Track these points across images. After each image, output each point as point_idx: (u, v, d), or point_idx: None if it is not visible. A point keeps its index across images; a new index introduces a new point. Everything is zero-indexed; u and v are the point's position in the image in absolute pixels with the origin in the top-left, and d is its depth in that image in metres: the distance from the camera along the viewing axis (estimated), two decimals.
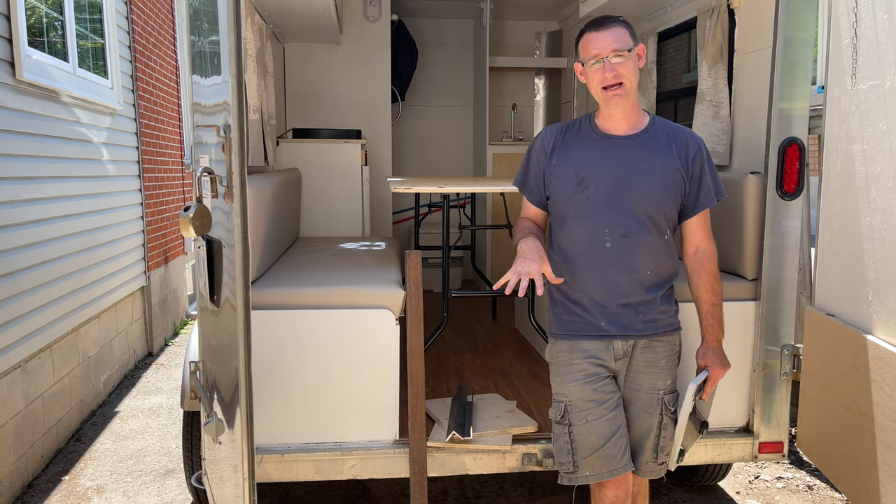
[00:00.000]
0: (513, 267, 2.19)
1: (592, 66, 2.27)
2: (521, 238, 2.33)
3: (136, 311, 5.79)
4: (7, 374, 3.58)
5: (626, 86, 2.26)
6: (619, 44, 2.24)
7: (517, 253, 2.27)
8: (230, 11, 2.00)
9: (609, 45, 2.23)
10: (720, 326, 2.43)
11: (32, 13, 4.11)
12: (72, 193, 4.46)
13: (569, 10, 6.00)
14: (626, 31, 2.27)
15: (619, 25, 2.27)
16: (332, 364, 2.76)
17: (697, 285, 2.42)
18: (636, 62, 2.29)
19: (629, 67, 2.25)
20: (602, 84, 2.26)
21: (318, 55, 5.65)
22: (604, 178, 2.32)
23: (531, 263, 2.17)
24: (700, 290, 2.42)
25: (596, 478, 2.34)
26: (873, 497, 2.41)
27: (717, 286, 2.41)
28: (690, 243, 2.42)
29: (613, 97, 2.27)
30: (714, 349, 2.41)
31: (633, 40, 2.28)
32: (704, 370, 2.41)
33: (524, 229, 2.40)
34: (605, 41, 2.24)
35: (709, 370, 2.40)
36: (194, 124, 2.51)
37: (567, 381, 2.37)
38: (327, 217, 5.10)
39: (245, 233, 2.10)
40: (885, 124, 2.38)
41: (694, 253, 2.41)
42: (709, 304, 2.41)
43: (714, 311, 2.41)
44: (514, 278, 2.15)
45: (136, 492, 3.65)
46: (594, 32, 2.26)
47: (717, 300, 2.41)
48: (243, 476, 2.17)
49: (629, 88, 2.27)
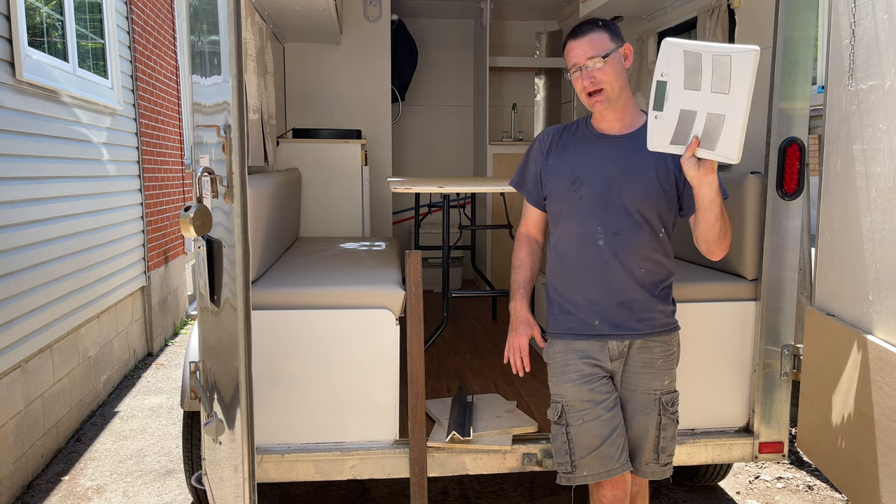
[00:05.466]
0: (507, 341, 2.49)
1: (573, 74, 2.30)
2: (513, 290, 2.50)
3: (136, 311, 5.79)
4: (7, 374, 3.58)
5: (606, 91, 2.26)
6: (595, 50, 2.24)
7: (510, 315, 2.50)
8: (230, 11, 2.00)
9: (585, 52, 2.25)
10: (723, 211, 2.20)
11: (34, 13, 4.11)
12: (72, 193, 4.46)
13: (569, 10, 6.00)
14: (606, 34, 2.26)
15: (596, 31, 2.26)
16: (333, 364, 2.76)
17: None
18: (619, 64, 2.27)
19: (608, 72, 2.24)
20: (583, 91, 2.29)
21: (318, 55, 5.65)
22: (597, 177, 2.32)
23: (519, 338, 2.45)
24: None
25: (594, 478, 2.34)
26: (873, 497, 2.41)
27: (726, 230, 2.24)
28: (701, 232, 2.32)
29: (596, 103, 2.29)
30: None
31: (616, 42, 2.27)
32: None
33: (516, 268, 2.53)
34: (582, 49, 2.25)
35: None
36: (194, 124, 2.51)
37: (563, 381, 2.38)
38: (327, 217, 5.10)
39: (245, 233, 2.10)
40: (885, 124, 2.38)
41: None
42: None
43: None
44: (512, 359, 2.46)
45: (136, 492, 3.65)
46: (572, 41, 2.28)
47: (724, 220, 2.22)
48: (243, 476, 2.16)
49: (611, 92, 2.27)
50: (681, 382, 2.48)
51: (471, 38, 6.67)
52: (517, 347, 2.45)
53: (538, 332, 2.47)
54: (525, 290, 2.50)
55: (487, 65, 5.99)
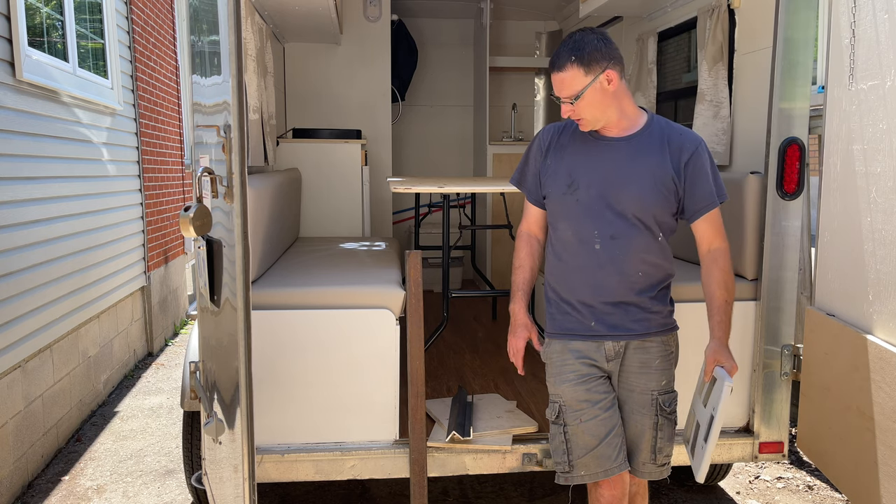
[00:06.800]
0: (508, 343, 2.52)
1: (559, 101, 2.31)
2: (512, 291, 2.52)
3: (136, 311, 5.79)
4: (7, 374, 3.58)
5: (585, 119, 2.28)
6: (569, 91, 2.23)
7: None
8: (230, 11, 2.00)
9: (559, 90, 2.26)
10: (729, 324, 2.38)
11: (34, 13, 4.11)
12: (72, 193, 4.46)
13: (569, 10, 6.00)
14: (579, 70, 2.20)
15: (567, 68, 2.21)
16: (332, 364, 2.76)
17: (710, 283, 2.37)
18: (596, 96, 2.24)
19: (582, 108, 2.25)
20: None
21: (318, 55, 5.65)
22: (594, 180, 2.32)
23: (516, 341, 2.47)
24: (713, 287, 2.37)
25: (591, 477, 2.35)
26: (873, 497, 2.41)
27: (730, 283, 2.36)
28: (703, 243, 2.39)
29: (581, 127, 2.33)
30: (725, 346, 2.36)
31: (592, 73, 2.21)
32: (719, 368, 2.32)
33: (516, 269, 2.53)
34: (557, 86, 2.26)
35: (726, 367, 2.31)
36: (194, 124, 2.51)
37: (561, 381, 2.38)
38: (327, 217, 5.11)
39: (245, 233, 2.10)
40: (886, 124, 2.38)
41: (707, 251, 2.39)
42: (720, 301, 2.35)
43: (726, 308, 2.35)
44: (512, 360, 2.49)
45: (136, 492, 3.65)
46: (552, 72, 2.27)
47: (729, 297, 2.36)
48: (243, 476, 2.17)
49: (592, 120, 2.29)
50: (680, 383, 2.48)
51: (471, 37, 6.67)
52: (514, 350, 2.48)
53: (535, 334, 2.47)
54: (524, 292, 2.50)
55: (487, 65, 6.00)
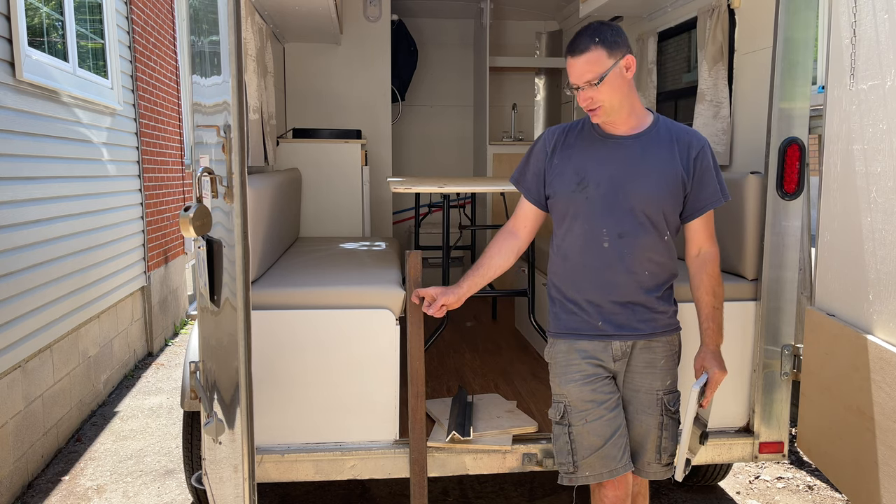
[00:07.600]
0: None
1: (574, 90, 2.29)
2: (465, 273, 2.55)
3: (136, 311, 5.79)
4: (7, 374, 3.58)
5: (605, 107, 2.26)
6: (591, 74, 2.21)
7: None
8: (230, 11, 2.00)
9: (581, 75, 2.22)
10: (720, 331, 2.40)
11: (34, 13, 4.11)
12: (72, 193, 4.46)
13: (569, 10, 6.00)
14: (602, 50, 2.20)
15: (592, 49, 2.20)
16: (332, 364, 2.76)
17: (698, 287, 2.40)
18: (618, 80, 2.23)
19: (605, 92, 2.22)
20: (583, 107, 2.30)
21: (318, 55, 5.65)
22: (603, 178, 2.32)
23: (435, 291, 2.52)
24: (701, 293, 2.40)
25: (596, 478, 2.34)
26: (873, 497, 2.41)
27: (718, 289, 2.39)
28: (693, 245, 2.41)
29: (594, 117, 2.31)
30: (713, 353, 2.38)
31: (614, 56, 2.21)
32: (705, 373, 2.37)
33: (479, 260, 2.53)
34: (578, 71, 2.23)
35: (708, 374, 2.35)
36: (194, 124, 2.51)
37: (566, 381, 2.37)
38: (327, 217, 5.10)
39: (245, 233, 2.10)
40: (886, 124, 2.38)
41: (696, 255, 2.40)
42: (709, 308, 2.39)
43: (714, 314, 2.39)
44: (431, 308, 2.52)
45: (136, 492, 3.65)
46: (570, 58, 2.25)
47: (717, 303, 2.39)
48: (243, 476, 2.17)
49: (610, 108, 2.27)
50: (681, 383, 2.48)
51: (471, 37, 6.67)
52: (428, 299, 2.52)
53: (440, 292, 2.51)
54: (470, 279, 2.50)
55: (487, 65, 5.99)
